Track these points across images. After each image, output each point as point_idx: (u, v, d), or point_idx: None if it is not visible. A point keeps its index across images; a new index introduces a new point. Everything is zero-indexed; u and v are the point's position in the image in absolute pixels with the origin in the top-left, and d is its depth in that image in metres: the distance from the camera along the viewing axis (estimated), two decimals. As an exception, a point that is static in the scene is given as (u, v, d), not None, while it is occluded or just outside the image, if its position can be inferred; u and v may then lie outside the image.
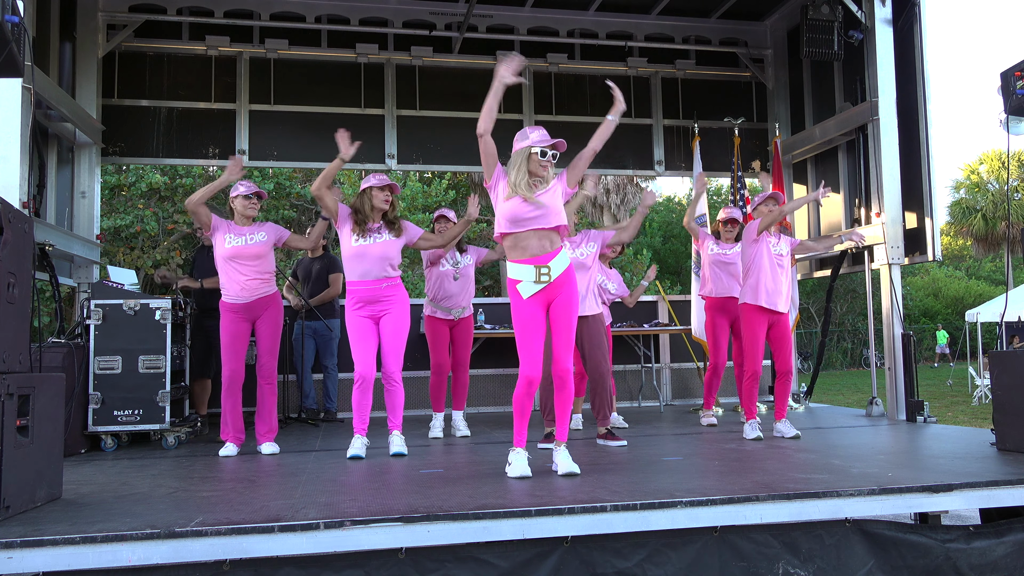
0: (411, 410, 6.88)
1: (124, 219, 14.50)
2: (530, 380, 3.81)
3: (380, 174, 4.83)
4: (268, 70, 7.71)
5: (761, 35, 8.46)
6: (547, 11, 7.96)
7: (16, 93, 4.97)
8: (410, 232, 4.85)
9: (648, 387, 7.95)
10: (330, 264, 6.90)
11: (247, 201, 4.89)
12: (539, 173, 3.86)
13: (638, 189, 20.06)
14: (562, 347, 3.90)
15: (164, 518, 2.93)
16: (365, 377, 4.59)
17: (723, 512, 3.11)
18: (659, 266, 24.04)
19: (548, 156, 3.87)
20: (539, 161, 3.84)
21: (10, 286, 3.15)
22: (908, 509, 3.41)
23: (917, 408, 6.11)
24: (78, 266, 6.77)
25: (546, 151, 3.85)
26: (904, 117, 6.47)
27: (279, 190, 16.15)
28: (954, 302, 32.24)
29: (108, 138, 7.27)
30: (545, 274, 3.86)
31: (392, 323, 4.69)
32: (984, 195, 28.37)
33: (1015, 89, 4.49)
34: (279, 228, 5.04)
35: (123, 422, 5.08)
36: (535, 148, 3.84)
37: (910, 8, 6.44)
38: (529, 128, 3.92)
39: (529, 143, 3.86)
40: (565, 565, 3.00)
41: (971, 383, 15.57)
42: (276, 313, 4.93)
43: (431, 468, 4.14)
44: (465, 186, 18.92)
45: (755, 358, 5.25)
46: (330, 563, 2.87)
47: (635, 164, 8.48)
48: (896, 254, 6.40)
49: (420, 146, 7.96)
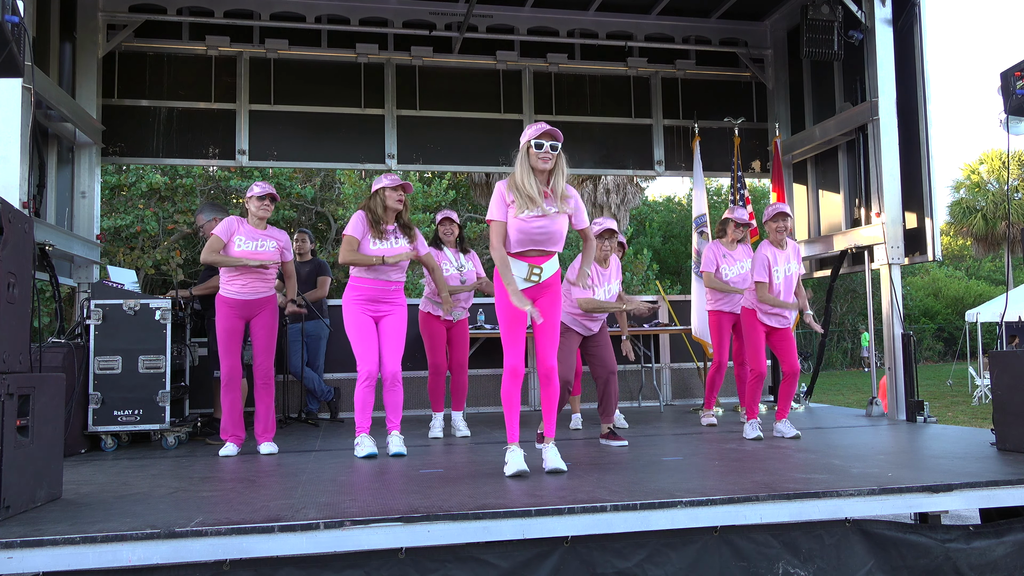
0: (411, 410, 6.88)
1: (124, 219, 14.51)
2: (514, 370, 3.87)
3: (392, 174, 4.84)
4: (268, 70, 7.71)
5: (761, 35, 8.46)
6: (547, 11, 7.96)
7: (16, 93, 4.98)
8: (419, 243, 4.87)
9: (648, 387, 7.95)
10: (318, 267, 6.92)
11: (260, 202, 4.89)
12: (540, 167, 3.85)
13: (638, 189, 20.08)
14: (546, 345, 3.94)
15: (164, 518, 2.93)
16: (372, 374, 4.59)
17: (723, 512, 3.11)
18: (659, 266, 24.09)
19: (545, 148, 3.82)
20: (537, 154, 3.83)
21: (10, 286, 3.15)
22: (908, 509, 3.41)
23: (917, 408, 6.11)
24: (78, 266, 6.77)
25: (541, 143, 3.82)
26: (904, 117, 6.47)
27: (279, 190, 16.14)
28: (954, 302, 32.23)
29: (108, 138, 7.27)
30: (536, 274, 3.92)
31: (393, 323, 4.72)
32: (984, 195, 28.39)
33: (1015, 89, 4.49)
34: (288, 245, 5.03)
35: (123, 422, 5.08)
36: (532, 142, 3.84)
37: (910, 8, 6.43)
38: (529, 125, 3.94)
39: (525, 138, 3.88)
40: (565, 565, 3.00)
41: (971, 383, 15.58)
42: (272, 313, 4.94)
43: (431, 468, 4.14)
44: (465, 186, 18.93)
45: (758, 359, 5.26)
46: (330, 563, 2.87)
47: (635, 164, 8.48)
48: (896, 254, 6.40)
49: (420, 146, 7.96)
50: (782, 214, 5.26)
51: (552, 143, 3.83)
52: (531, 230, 3.85)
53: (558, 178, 3.88)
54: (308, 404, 7.02)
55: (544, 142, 3.82)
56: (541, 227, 3.85)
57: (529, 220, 3.83)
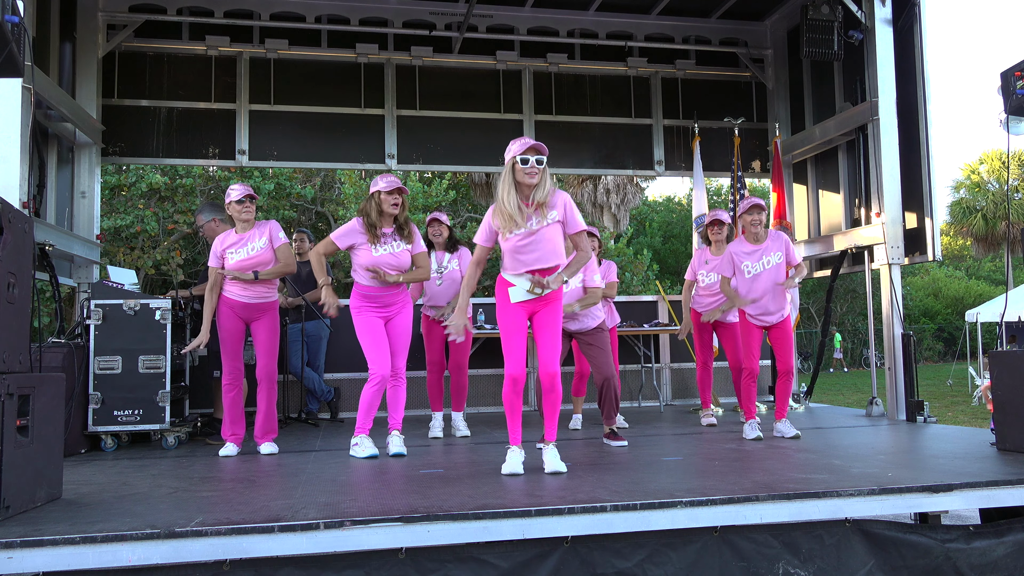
0: (411, 410, 6.87)
1: (124, 219, 14.51)
2: (514, 378, 3.90)
3: (389, 175, 4.75)
4: (268, 70, 7.71)
5: (761, 35, 8.46)
6: (547, 11, 7.96)
7: (16, 93, 4.97)
8: (416, 242, 4.84)
9: (648, 387, 7.95)
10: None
11: (240, 206, 4.84)
12: (527, 182, 3.81)
13: (638, 189, 20.08)
14: (548, 351, 3.95)
15: (164, 518, 2.93)
16: (384, 376, 4.59)
17: (723, 512, 3.11)
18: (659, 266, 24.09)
19: (531, 163, 3.78)
20: (523, 170, 3.79)
21: (10, 286, 3.15)
22: (908, 509, 3.41)
23: (917, 408, 6.11)
24: (78, 266, 6.77)
25: (527, 158, 3.79)
26: (904, 117, 6.47)
27: (279, 190, 16.15)
28: (954, 302, 32.25)
29: (108, 138, 7.27)
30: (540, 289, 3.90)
31: (402, 323, 4.76)
32: (984, 195, 28.39)
33: (1015, 89, 4.49)
34: (276, 230, 4.93)
35: (123, 422, 5.08)
36: (517, 158, 3.80)
37: (910, 8, 6.43)
38: (512, 141, 3.89)
39: (510, 155, 3.84)
40: (565, 565, 3.00)
41: (971, 383, 15.57)
42: (273, 315, 4.94)
43: (431, 468, 4.14)
44: (465, 186, 18.93)
45: (752, 357, 5.25)
46: (330, 563, 2.87)
47: (635, 164, 8.48)
48: (896, 254, 6.40)
49: (420, 146, 7.96)
50: (756, 206, 5.23)
51: (538, 157, 3.80)
52: (518, 250, 3.85)
53: (538, 191, 3.82)
54: (308, 404, 7.02)
55: (530, 157, 3.79)
56: (527, 245, 3.83)
57: (515, 240, 3.84)
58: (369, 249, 4.62)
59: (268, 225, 4.95)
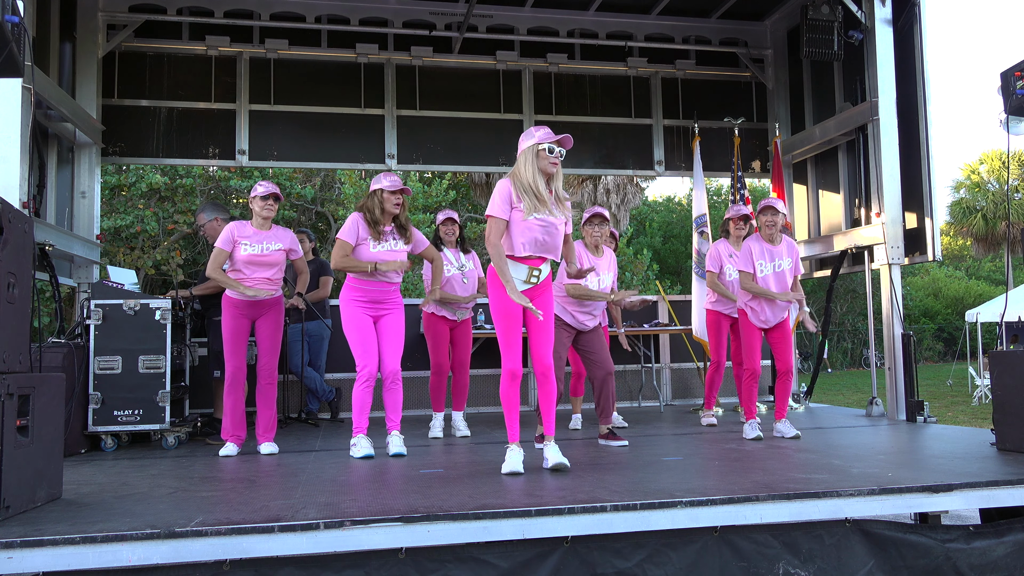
0: (411, 410, 6.89)
1: (124, 219, 14.50)
2: (513, 372, 3.90)
3: (392, 175, 4.78)
4: (268, 70, 7.71)
5: (761, 35, 8.46)
6: (547, 11, 7.96)
7: (16, 93, 4.97)
8: (417, 241, 4.87)
9: (648, 387, 7.95)
10: (320, 267, 6.91)
11: (264, 202, 4.86)
12: (548, 170, 3.91)
13: (638, 189, 20.08)
14: (542, 344, 3.96)
15: (164, 518, 2.93)
16: (372, 374, 4.59)
17: (723, 512, 3.11)
18: (659, 266, 24.08)
19: (556, 152, 3.90)
20: (548, 158, 3.89)
21: (10, 286, 3.15)
22: (908, 509, 3.41)
23: (917, 408, 6.11)
24: (78, 266, 6.77)
25: (553, 148, 3.89)
26: (904, 117, 6.47)
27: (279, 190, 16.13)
28: (954, 302, 32.21)
29: (108, 138, 7.27)
30: (535, 276, 3.96)
31: (392, 323, 4.73)
32: (984, 195, 28.36)
33: (1015, 89, 4.49)
34: (295, 242, 5.00)
35: (123, 422, 5.08)
36: (542, 144, 3.89)
37: (910, 8, 6.44)
38: (534, 128, 3.97)
39: (535, 140, 3.91)
40: (565, 565, 3.00)
41: (971, 383, 15.57)
42: (277, 314, 4.94)
43: (431, 468, 4.14)
44: (465, 186, 18.92)
45: (753, 357, 5.26)
46: (330, 563, 2.87)
47: (635, 164, 8.48)
48: (896, 254, 6.40)
49: (420, 146, 7.96)
50: (770, 208, 5.25)
51: (560, 148, 3.91)
52: (539, 233, 3.89)
53: (558, 181, 3.97)
54: (308, 404, 7.02)
55: (555, 147, 3.89)
56: (547, 230, 3.90)
57: (537, 223, 3.87)
58: (368, 245, 4.64)
59: (288, 235, 4.98)
